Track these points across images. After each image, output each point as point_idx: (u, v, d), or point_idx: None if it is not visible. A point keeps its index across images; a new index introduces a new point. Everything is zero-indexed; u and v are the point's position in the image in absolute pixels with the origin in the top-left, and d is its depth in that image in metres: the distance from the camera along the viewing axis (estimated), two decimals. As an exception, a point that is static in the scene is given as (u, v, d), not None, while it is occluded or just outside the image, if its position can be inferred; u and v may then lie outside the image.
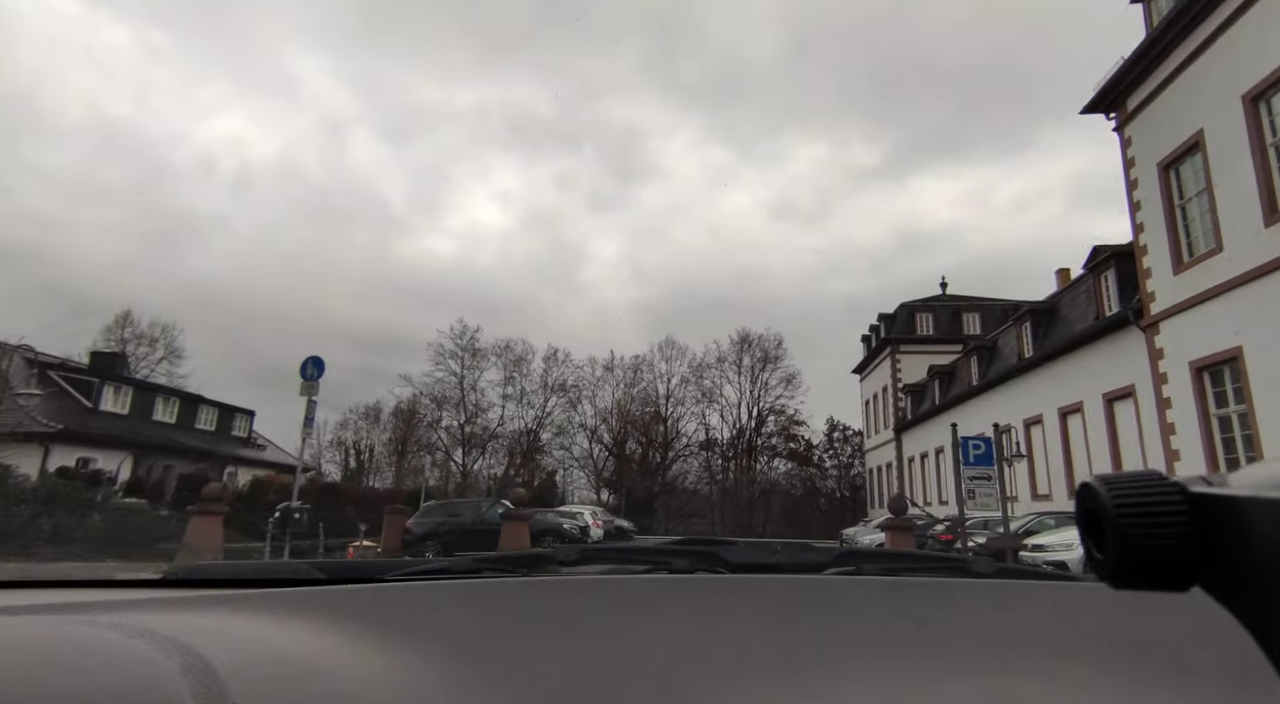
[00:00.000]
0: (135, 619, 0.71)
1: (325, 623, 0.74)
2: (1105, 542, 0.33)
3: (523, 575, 1.09)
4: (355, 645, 0.68)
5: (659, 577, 1.10)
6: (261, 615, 0.77)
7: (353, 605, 0.86)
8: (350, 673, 0.62)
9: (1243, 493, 0.31)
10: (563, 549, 1.25)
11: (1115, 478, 0.34)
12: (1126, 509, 0.33)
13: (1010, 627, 0.85)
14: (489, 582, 1.03)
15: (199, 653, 0.60)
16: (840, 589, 1.03)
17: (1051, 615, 0.92)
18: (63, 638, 0.67)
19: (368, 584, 1.00)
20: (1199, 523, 0.32)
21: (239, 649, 0.65)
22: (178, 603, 0.86)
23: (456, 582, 1.03)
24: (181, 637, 0.64)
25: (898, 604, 0.95)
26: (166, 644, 0.62)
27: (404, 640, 0.71)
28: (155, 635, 0.64)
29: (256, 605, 0.82)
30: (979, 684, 0.65)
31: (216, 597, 0.90)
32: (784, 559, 1.24)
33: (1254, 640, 0.32)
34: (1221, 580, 0.32)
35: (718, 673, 0.66)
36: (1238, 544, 0.31)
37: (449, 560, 1.14)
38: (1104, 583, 0.34)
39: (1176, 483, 0.34)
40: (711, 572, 1.12)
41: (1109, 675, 0.67)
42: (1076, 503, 0.37)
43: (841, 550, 1.29)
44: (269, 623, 0.74)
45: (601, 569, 1.18)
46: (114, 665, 0.59)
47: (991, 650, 0.75)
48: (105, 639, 0.65)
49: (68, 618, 0.76)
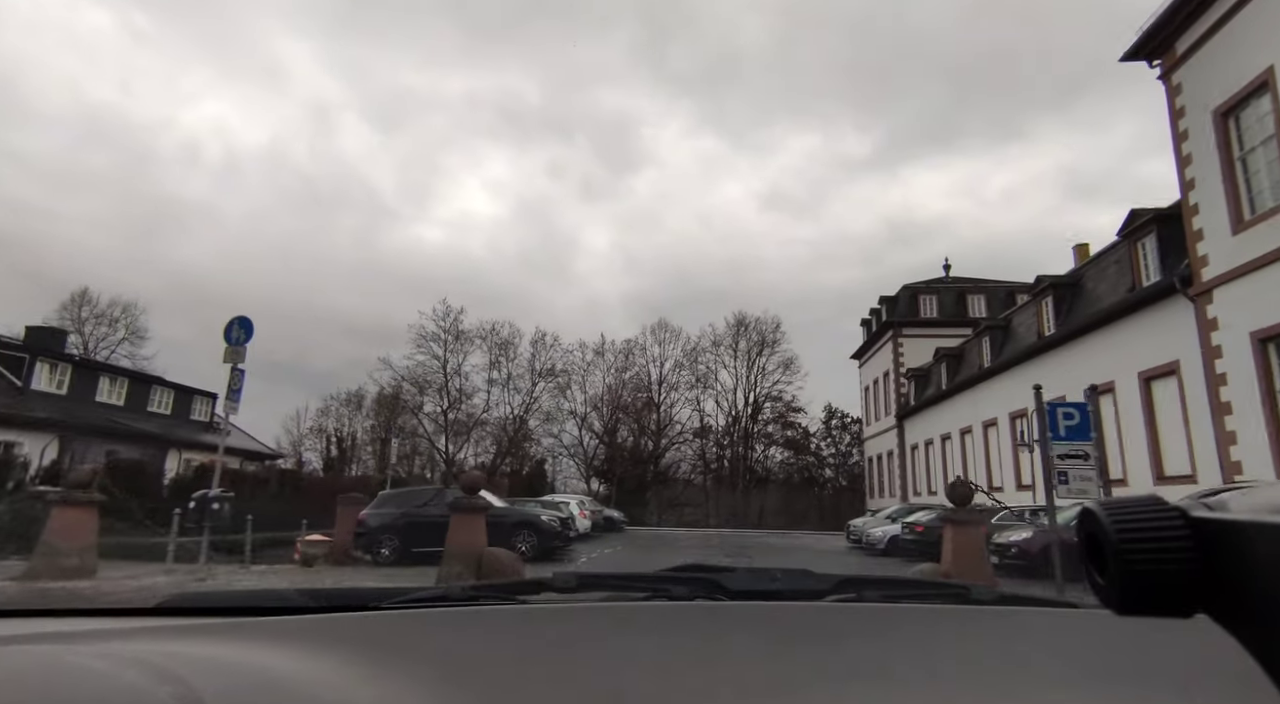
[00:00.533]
0: (125, 649, 0.73)
1: (317, 652, 0.74)
2: (1107, 568, 0.33)
3: (518, 603, 1.07)
4: (347, 674, 0.68)
5: (657, 604, 1.08)
6: (252, 644, 0.77)
7: (345, 634, 0.86)
8: (342, 701, 0.62)
9: (1245, 518, 0.31)
10: (560, 576, 1.21)
11: (1116, 503, 0.35)
12: (1128, 535, 0.33)
13: (1012, 655, 0.85)
14: (483, 609, 1.02)
15: (189, 683, 0.61)
16: (840, 616, 1.03)
17: (1054, 643, 0.91)
18: (52, 668, 0.68)
19: (360, 612, 0.98)
20: (1202, 548, 0.32)
21: (230, 679, 0.65)
22: (168, 632, 0.88)
23: (450, 609, 1.01)
24: (172, 666, 0.64)
25: (898, 632, 0.95)
26: (157, 674, 0.62)
27: (397, 669, 0.70)
28: (146, 665, 0.65)
29: (247, 634, 0.83)
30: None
31: (207, 625, 0.91)
32: (784, 586, 1.20)
33: (1259, 667, 0.32)
34: (1226, 606, 0.32)
35: (716, 701, 0.66)
36: (1241, 570, 0.30)
37: (443, 588, 1.12)
38: (1107, 609, 0.34)
39: (1177, 508, 0.34)
40: (711, 599, 1.09)
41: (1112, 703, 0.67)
42: (1077, 528, 0.37)
43: (842, 577, 1.24)
44: (260, 652, 0.74)
45: (599, 596, 1.15)
46: (104, 697, 0.60)
47: (993, 679, 0.74)
48: (95, 669, 0.66)
49: (57, 648, 0.77)
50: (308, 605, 1.02)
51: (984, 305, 37.06)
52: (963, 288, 38.27)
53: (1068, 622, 1.01)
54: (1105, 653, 0.81)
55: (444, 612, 0.99)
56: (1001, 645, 0.89)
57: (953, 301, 37.75)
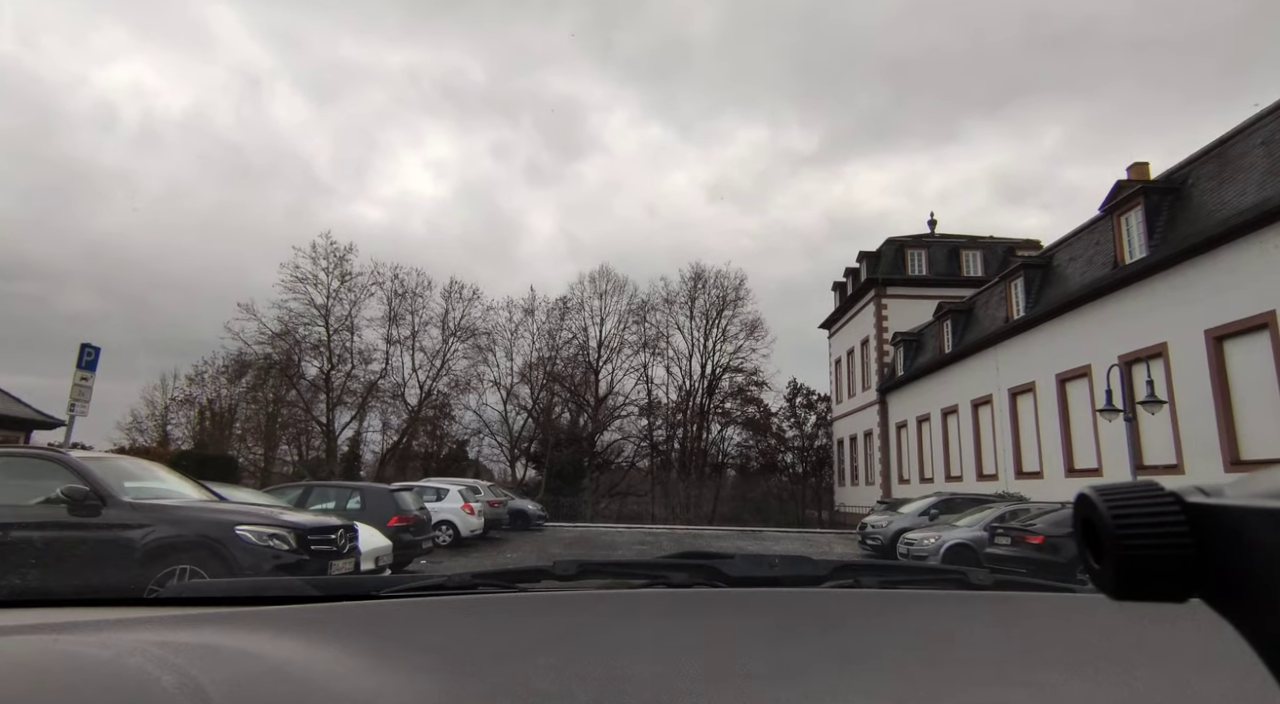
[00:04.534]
0: (127, 638, 0.74)
1: (318, 640, 0.74)
2: (1103, 553, 0.34)
3: (519, 591, 1.06)
4: (348, 663, 0.68)
5: (657, 591, 1.08)
6: (253, 634, 0.77)
7: (346, 622, 0.86)
8: (343, 690, 0.62)
9: (1240, 503, 0.31)
10: (561, 563, 1.18)
11: (1111, 488, 0.35)
12: (1124, 520, 0.33)
13: (1008, 639, 0.86)
14: (484, 597, 1.02)
15: (190, 672, 0.61)
16: (839, 602, 1.03)
17: (1049, 627, 0.92)
18: (55, 657, 0.69)
19: (361, 601, 0.99)
20: (1197, 533, 0.32)
21: (231, 668, 0.66)
22: (169, 621, 0.88)
23: (451, 597, 1.01)
24: (173, 656, 0.65)
25: (896, 617, 0.96)
26: (158, 663, 0.63)
27: (398, 657, 0.71)
28: (147, 654, 0.66)
29: (248, 623, 0.83)
30: (977, 697, 0.66)
31: (208, 615, 0.90)
32: (782, 572, 1.19)
33: (1254, 651, 0.32)
34: (1220, 591, 0.32)
35: (716, 687, 0.66)
36: (1236, 554, 0.31)
37: (444, 576, 1.10)
38: (1102, 594, 0.35)
39: (1173, 493, 0.34)
40: (710, 586, 1.10)
41: (1108, 687, 0.67)
42: (1073, 514, 0.37)
43: (840, 562, 1.23)
44: (261, 641, 0.74)
45: (599, 583, 1.14)
46: (106, 685, 0.61)
47: (989, 663, 0.75)
48: (98, 658, 0.67)
49: (59, 638, 0.78)
50: (309, 594, 1.02)
51: (980, 263, 31.82)
52: (956, 243, 32.92)
53: (1064, 606, 1.03)
54: (1102, 637, 0.82)
55: (445, 600, 1.00)
56: (999, 630, 0.90)
57: (944, 258, 32.35)
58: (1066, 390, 17.52)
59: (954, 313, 24.28)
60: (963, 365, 23.16)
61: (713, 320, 39.45)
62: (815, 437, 41.03)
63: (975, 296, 24.17)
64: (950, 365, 24.05)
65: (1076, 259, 17.69)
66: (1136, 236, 15.12)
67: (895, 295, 31.46)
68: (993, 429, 21.06)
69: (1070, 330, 17.21)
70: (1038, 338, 18.65)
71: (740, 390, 39.87)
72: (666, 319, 39.51)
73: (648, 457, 39.61)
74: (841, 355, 37.00)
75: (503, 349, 37.71)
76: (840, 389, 37.42)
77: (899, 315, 30.51)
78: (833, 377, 38.98)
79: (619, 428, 39.44)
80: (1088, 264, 17.01)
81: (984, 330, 21.83)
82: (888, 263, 32.35)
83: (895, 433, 29.51)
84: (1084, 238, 17.62)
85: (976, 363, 22.17)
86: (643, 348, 39.17)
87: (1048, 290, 18.65)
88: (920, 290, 30.91)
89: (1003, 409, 20.41)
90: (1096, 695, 0.66)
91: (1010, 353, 20.06)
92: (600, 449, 38.81)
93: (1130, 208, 15.19)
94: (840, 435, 36.98)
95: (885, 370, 30.61)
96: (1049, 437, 18.10)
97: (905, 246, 32.52)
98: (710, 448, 39.78)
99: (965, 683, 0.69)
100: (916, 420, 27.08)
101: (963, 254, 32.25)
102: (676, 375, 39.72)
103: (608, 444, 39.57)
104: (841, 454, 36.79)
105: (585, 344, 38.84)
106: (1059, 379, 17.66)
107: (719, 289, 39.60)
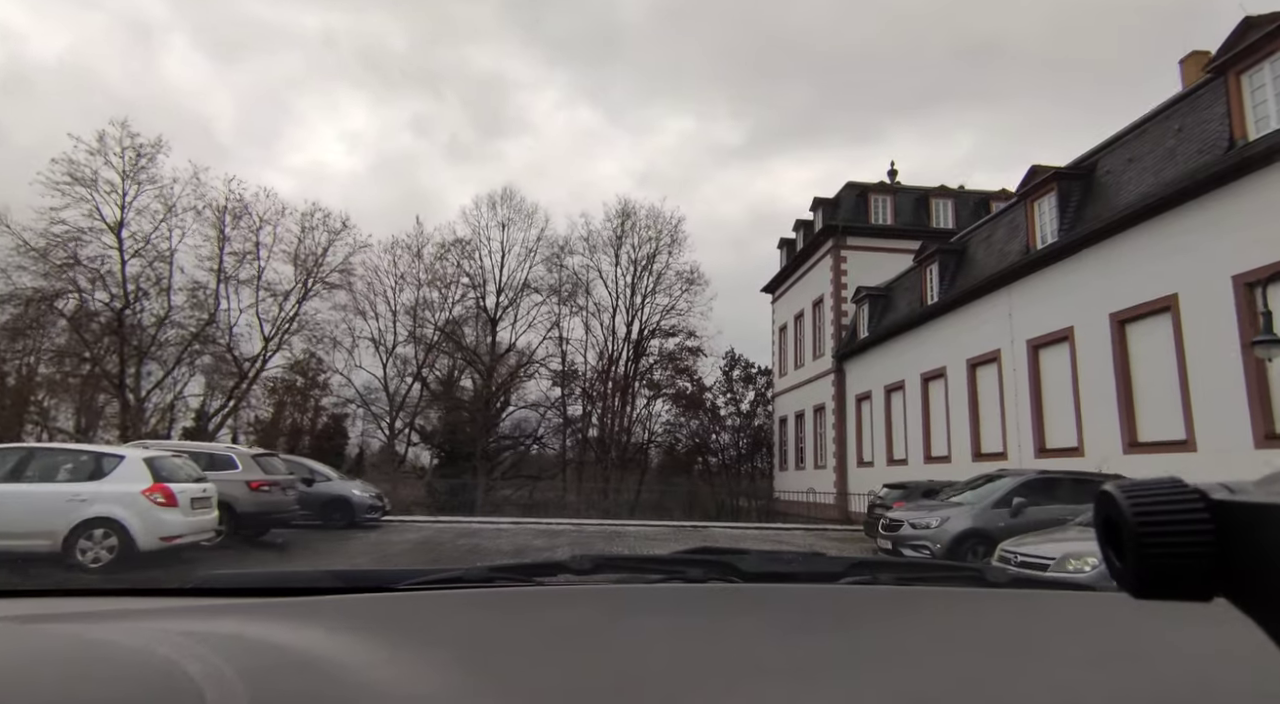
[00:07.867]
0: (154, 627, 0.74)
1: (340, 631, 0.75)
2: (1126, 551, 0.33)
3: (535, 584, 1.07)
4: (369, 653, 0.69)
5: (672, 586, 1.08)
6: (277, 624, 0.78)
7: (367, 614, 0.87)
8: (364, 681, 0.63)
9: (1267, 500, 0.30)
10: (577, 558, 1.18)
11: (1134, 485, 0.34)
12: (1147, 518, 0.32)
13: (1026, 637, 0.85)
14: (502, 591, 1.03)
15: (216, 662, 0.62)
16: (855, 599, 1.03)
17: (1069, 626, 0.90)
18: (83, 646, 0.69)
19: (382, 593, 1.00)
20: (1222, 531, 0.31)
21: (256, 658, 0.66)
22: (196, 611, 0.89)
23: (469, 590, 1.02)
24: (199, 646, 0.66)
25: (912, 614, 0.95)
26: (185, 653, 0.63)
27: (417, 649, 0.71)
28: (174, 644, 0.66)
29: (274, 614, 0.84)
30: (996, 695, 0.65)
31: (234, 605, 0.91)
32: (798, 568, 1.19)
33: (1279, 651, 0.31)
34: (1246, 590, 0.31)
35: (731, 683, 0.66)
36: (1263, 553, 0.30)
37: (462, 569, 1.11)
38: (1124, 593, 0.34)
39: (1197, 490, 0.33)
40: (725, 581, 1.10)
41: (1129, 688, 0.66)
42: (1095, 511, 0.36)
43: (856, 560, 1.22)
44: (286, 631, 0.75)
45: (614, 578, 1.13)
46: (134, 674, 0.61)
47: (1007, 661, 0.74)
48: (125, 647, 0.67)
49: (87, 626, 0.78)
50: (333, 586, 1.04)
51: (951, 213, 27.49)
52: (925, 191, 28.46)
53: (1084, 604, 1.02)
54: (1122, 636, 0.81)
55: (462, 593, 1.01)
56: (1017, 628, 0.89)
57: (910, 207, 27.83)
58: (1130, 333, 12.85)
59: (942, 253, 19.55)
60: (952, 317, 18.46)
61: (643, 267, 33.23)
62: (754, 415, 36.11)
63: (972, 233, 19.50)
64: (932, 320, 19.37)
65: (1105, 188, 13.01)
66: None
67: (856, 247, 26.69)
68: (999, 393, 16.38)
69: (1121, 249, 12.56)
70: (1073, 267, 13.96)
71: (672, 357, 34.13)
72: (586, 264, 32.89)
73: (560, 434, 33.57)
74: (788, 320, 32.06)
75: (382, 298, 30.75)
76: (785, 360, 32.53)
77: (860, 270, 25.72)
78: (776, 347, 34.07)
79: (523, 399, 33.02)
80: (1118, 192, 12.35)
81: (983, 272, 17.14)
82: (848, 210, 27.56)
83: (855, 406, 24.79)
84: (1121, 152, 13.15)
85: (975, 313, 17.47)
86: (554, 295, 32.29)
87: (1089, 207, 13.97)
88: (885, 242, 26.24)
89: (1019, 364, 15.70)
90: (1119, 694, 0.65)
91: (1029, 292, 15.35)
92: (501, 424, 32.45)
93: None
94: (784, 413, 32.16)
95: (843, 333, 25.86)
96: (1098, 401, 13.43)
97: (869, 192, 27.77)
98: (634, 426, 34.13)
99: (984, 681, 0.68)
100: (885, 390, 22.36)
101: (932, 202, 27.85)
102: (597, 334, 33.32)
103: (517, 419, 33.31)
104: (784, 434, 32.03)
105: (482, 286, 31.84)
106: (1116, 320, 12.98)
107: (652, 230, 33.36)
